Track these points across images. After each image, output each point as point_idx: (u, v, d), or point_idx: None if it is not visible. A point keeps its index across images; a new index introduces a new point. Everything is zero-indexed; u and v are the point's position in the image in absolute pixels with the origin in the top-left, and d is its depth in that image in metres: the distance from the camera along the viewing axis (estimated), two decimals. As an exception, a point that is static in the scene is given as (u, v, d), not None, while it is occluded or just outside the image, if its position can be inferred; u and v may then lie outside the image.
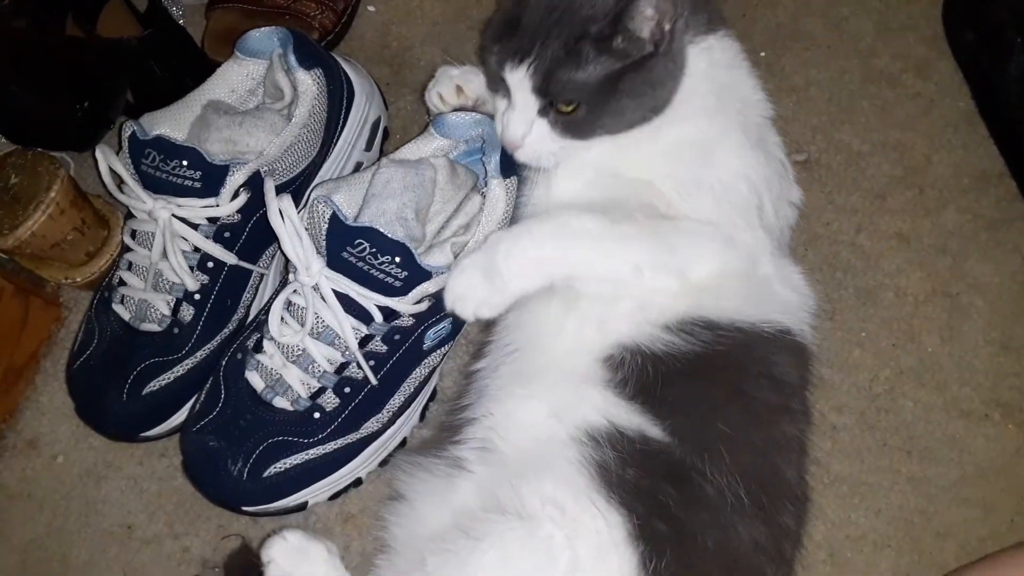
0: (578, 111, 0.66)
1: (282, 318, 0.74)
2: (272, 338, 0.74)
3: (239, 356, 0.76)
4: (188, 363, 0.79)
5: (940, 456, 0.78)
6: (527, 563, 0.60)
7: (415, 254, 0.69)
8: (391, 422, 0.77)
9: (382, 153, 0.92)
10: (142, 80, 0.92)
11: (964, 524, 0.76)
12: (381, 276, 0.69)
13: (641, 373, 0.64)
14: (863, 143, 0.89)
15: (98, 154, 0.75)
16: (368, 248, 0.68)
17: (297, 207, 0.81)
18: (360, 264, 0.69)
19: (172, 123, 0.77)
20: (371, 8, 1.02)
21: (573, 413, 0.64)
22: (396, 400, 0.77)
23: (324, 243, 0.69)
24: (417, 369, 0.77)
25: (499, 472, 0.64)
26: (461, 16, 1.00)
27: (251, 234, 0.79)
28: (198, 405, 0.77)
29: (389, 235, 0.68)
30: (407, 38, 1.00)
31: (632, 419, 0.63)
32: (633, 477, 0.61)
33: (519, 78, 0.66)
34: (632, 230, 0.66)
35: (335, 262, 0.70)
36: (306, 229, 0.70)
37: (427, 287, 0.70)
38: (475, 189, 0.78)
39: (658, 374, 0.64)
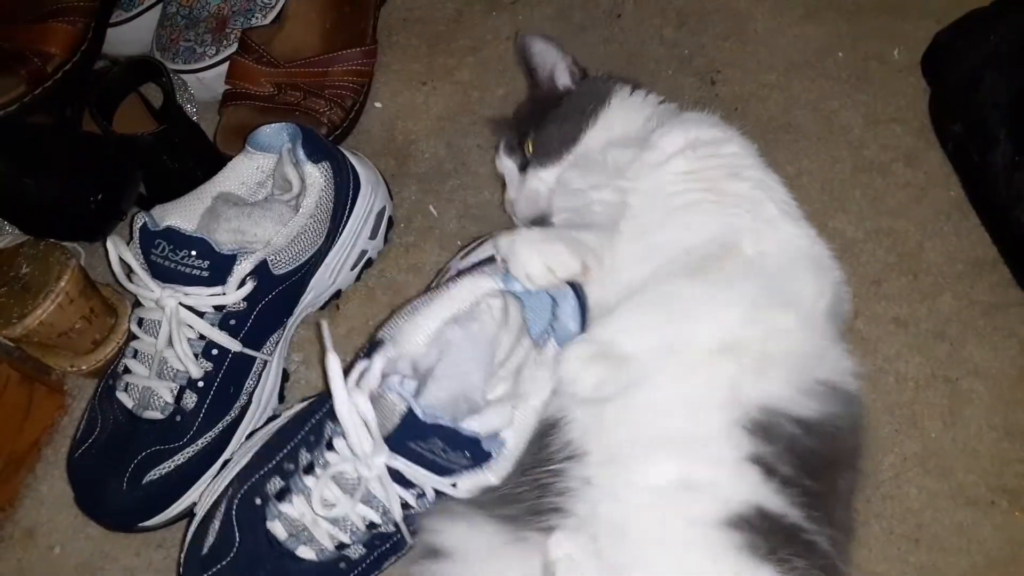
0: (537, 143, 0.82)
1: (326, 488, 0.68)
2: (316, 512, 0.68)
3: (257, 501, 0.71)
4: (189, 451, 0.78)
5: (948, 545, 0.76)
6: None
7: (482, 443, 0.63)
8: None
9: (387, 242, 0.94)
10: (155, 173, 0.94)
11: None
12: (444, 463, 0.64)
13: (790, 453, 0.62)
14: (856, 230, 0.90)
15: (109, 245, 0.76)
16: (440, 445, 0.62)
17: (302, 295, 0.83)
18: (427, 454, 0.64)
19: (183, 214, 0.79)
20: (377, 104, 1.05)
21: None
22: None
23: (392, 433, 0.63)
24: None
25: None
26: (464, 111, 1.03)
27: (256, 322, 0.79)
28: (208, 549, 0.71)
29: (465, 433, 0.62)
30: (412, 132, 1.03)
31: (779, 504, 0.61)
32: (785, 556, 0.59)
33: (508, 164, 0.86)
34: (723, 276, 0.66)
35: (400, 449, 0.64)
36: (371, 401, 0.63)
37: (487, 477, 0.65)
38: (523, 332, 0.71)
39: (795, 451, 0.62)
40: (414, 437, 0.63)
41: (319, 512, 0.67)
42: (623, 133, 0.80)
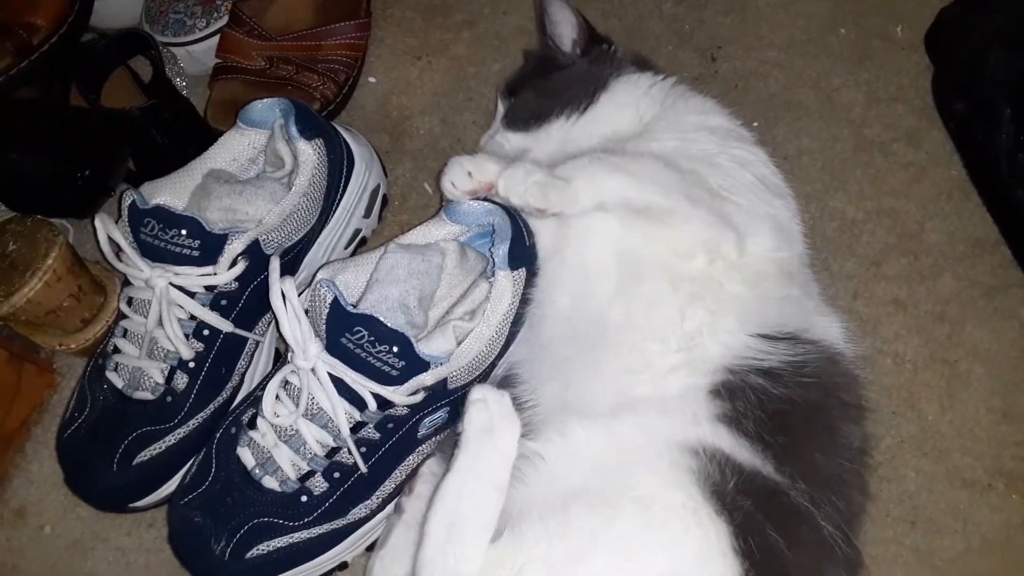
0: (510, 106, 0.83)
1: (277, 396, 0.73)
2: (265, 417, 0.72)
3: (233, 431, 0.75)
4: (180, 432, 0.78)
5: (944, 527, 0.76)
6: (641, 549, 0.59)
7: (414, 345, 0.67)
8: (380, 508, 0.75)
9: (381, 220, 0.93)
10: (144, 149, 0.93)
11: None
12: (378, 364, 0.68)
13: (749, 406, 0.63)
14: (857, 211, 0.90)
15: (97, 223, 0.75)
16: (366, 336, 0.67)
17: (295, 274, 0.82)
18: (358, 351, 0.68)
19: (172, 192, 0.78)
20: (372, 79, 1.04)
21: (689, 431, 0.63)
22: (387, 487, 0.75)
23: (324, 327, 0.68)
24: (410, 456, 0.75)
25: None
26: (459, 87, 1.02)
27: (248, 302, 0.78)
28: (188, 477, 0.75)
29: (388, 324, 0.67)
30: (407, 108, 1.01)
31: (747, 456, 0.62)
32: (749, 508, 0.59)
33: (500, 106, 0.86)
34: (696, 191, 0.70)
35: (333, 347, 0.68)
36: (307, 311, 0.69)
37: (424, 379, 0.69)
38: (483, 275, 0.78)
39: (764, 408, 0.63)
40: (342, 329, 0.67)
41: (269, 419, 0.71)
42: (613, 133, 0.79)
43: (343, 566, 0.77)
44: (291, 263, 0.81)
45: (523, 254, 0.73)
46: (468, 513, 0.60)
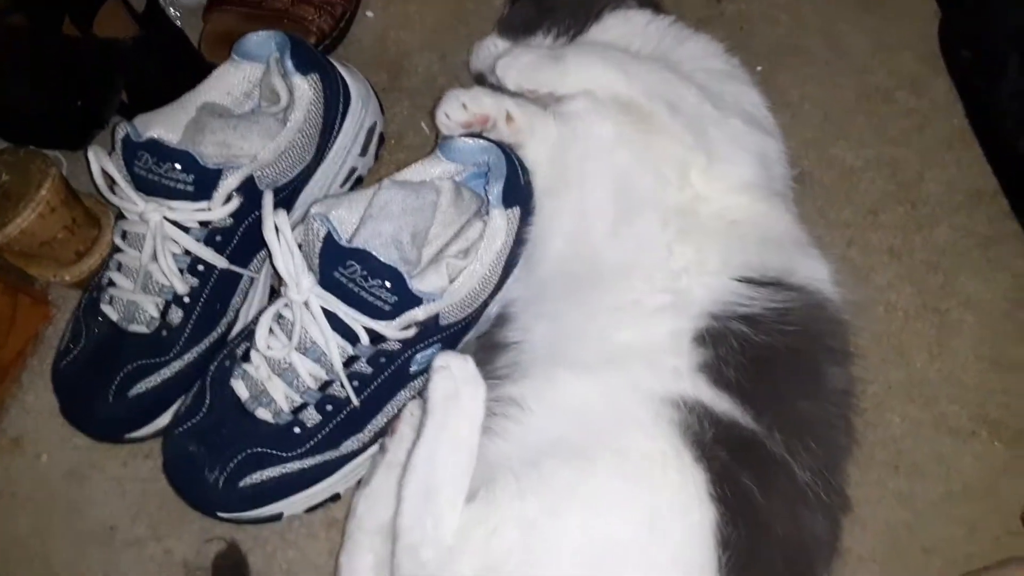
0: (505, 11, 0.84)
1: (271, 330, 0.73)
2: (259, 349, 0.73)
3: (227, 364, 0.76)
4: (175, 366, 0.79)
5: (927, 472, 0.78)
6: (621, 501, 0.59)
7: (407, 280, 0.68)
8: (372, 441, 0.77)
9: (377, 159, 0.92)
10: (137, 80, 0.92)
11: (950, 540, 0.76)
12: (370, 299, 0.69)
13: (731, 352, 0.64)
14: (856, 158, 0.90)
15: (90, 155, 0.75)
16: (359, 270, 0.68)
17: (290, 212, 0.82)
18: (351, 285, 0.68)
19: (166, 125, 0.77)
20: (369, 13, 1.02)
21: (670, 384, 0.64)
22: (379, 421, 0.76)
23: (317, 261, 0.69)
24: (402, 392, 0.76)
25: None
26: (459, 23, 1.00)
27: (243, 238, 0.79)
28: (183, 408, 0.77)
29: (381, 259, 0.67)
30: (405, 44, 1.00)
31: (726, 406, 0.63)
32: (725, 457, 0.60)
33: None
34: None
35: (326, 281, 0.69)
36: (300, 245, 0.70)
37: (416, 314, 0.69)
38: (478, 214, 0.78)
39: (745, 354, 0.64)
40: (335, 263, 0.68)
41: (263, 352, 0.73)
42: None
43: (335, 498, 0.78)
44: (287, 200, 0.81)
45: (518, 192, 0.73)
46: (440, 479, 0.61)
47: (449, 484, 0.61)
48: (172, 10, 0.99)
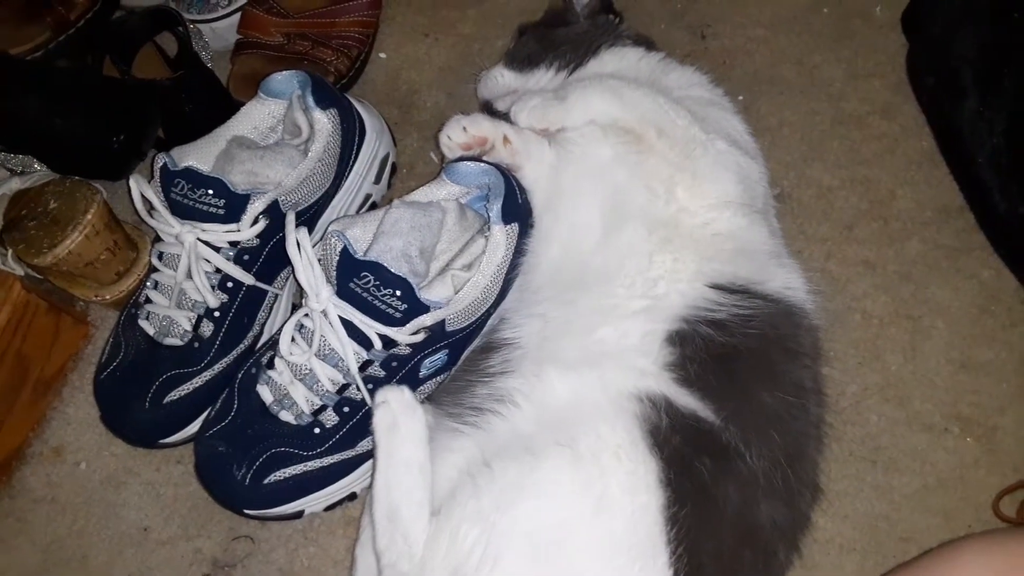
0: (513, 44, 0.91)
1: (293, 338, 0.79)
2: (283, 356, 0.79)
3: (253, 371, 0.81)
4: (206, 375, 0.84)
5: (903, 466, 0.81)
6: (568, 487, 0.63)
7: (415, 289, 0.74)
8: None
9: (390, 187, 0.98)
10: (173, 117, 0.98)
11: (926, 530, 0.79)
12: (383, 307, 0.74)
13: (697, 351, 0.68)
14: (832, 178, 0.94)
15: (132, 182, 0.81)
16: (372, 281, 0.73)
17: (311, 232, 0.88)
18: (365, 295, 0.74)
19: (199, 156, 0.83)
20: (382, 55, 1.08)
21: (636, 381, 0.68)
22: None
23: (335, 273, 0.75)
24: None
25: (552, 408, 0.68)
26: (465, 64, 1.06)
27: (268, 257, 0.84)
28: (213, 412, 0.82)
29: (393, 270, 0.73)
30: (415, 82, 1.06)
31: (688, 401, 0.67)
32: (678, 443, 0.64)
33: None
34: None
35: (343, 291, 0.75)
36: (319, 259, 0.76)
37: (424, 320, 0.75)
38: (481, 232, 0.84)
39: (710, 353, 0.68)
40: (351, 274, 0.74)
41: (286, 358, 0.78)
42: None
43: (352, 497, 0.83)
44: (308, 223, 0.86)
45: (516, 210, 0.78)
46: (399, 500, 0.67)
47: (406, 502, 0.66)
48: (203, 54, 1.05)
